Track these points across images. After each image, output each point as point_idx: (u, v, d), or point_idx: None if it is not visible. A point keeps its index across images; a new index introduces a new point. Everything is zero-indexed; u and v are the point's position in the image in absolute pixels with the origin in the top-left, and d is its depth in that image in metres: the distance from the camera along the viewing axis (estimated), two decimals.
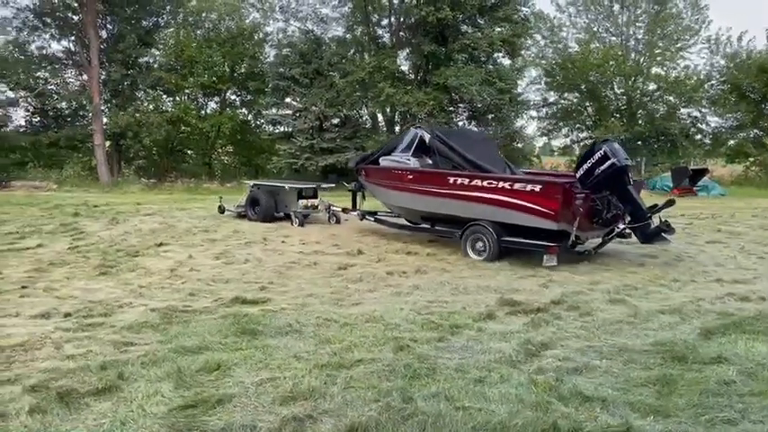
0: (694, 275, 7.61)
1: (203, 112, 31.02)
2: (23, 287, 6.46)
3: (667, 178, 24.92)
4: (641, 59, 31.34)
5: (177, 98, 30.18)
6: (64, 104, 29.66)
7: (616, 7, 31.62)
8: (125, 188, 23.32)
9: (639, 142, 31.26)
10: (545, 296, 6.32)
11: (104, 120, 26.67)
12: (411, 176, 9.94)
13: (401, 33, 27.54)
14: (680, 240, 10.65)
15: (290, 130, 25.55)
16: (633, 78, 30.98)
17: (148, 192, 22.43)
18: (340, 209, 12.45)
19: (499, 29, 25.22)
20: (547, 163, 34.51)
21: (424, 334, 4.91)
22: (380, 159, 10.88)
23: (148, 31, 29.07)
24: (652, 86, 31.65)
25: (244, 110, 32.39)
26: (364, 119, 29.45)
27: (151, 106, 29.28)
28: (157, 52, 29.72)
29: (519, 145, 31.80)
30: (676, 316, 5.57)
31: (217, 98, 31.74)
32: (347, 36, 29.33)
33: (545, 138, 35.63)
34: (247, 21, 30.03)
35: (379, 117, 29.00)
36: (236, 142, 32.14)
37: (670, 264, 8.45)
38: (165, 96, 30.34)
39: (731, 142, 31.55)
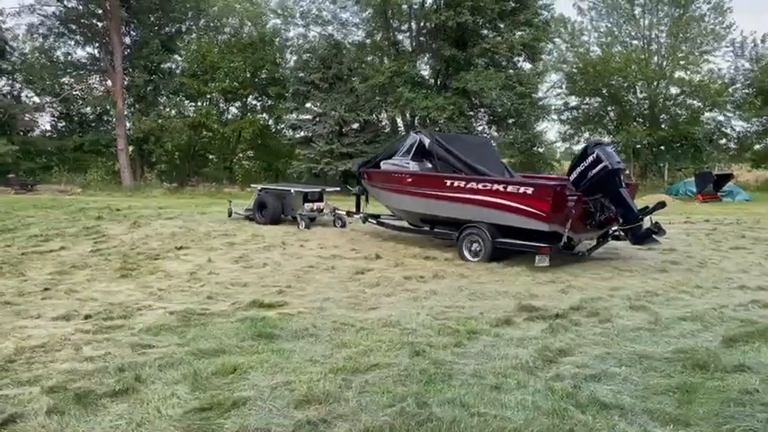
0: (717, 282, 7.47)
1: (225, 117, 31.35)
2: (46, 289, 6.55)
3: (691, 183, 24.61)
4: (664, 63, 30.98)
5: (199, 103, 30.55)
6: (88, 110, 30.26)
7: (638, 11, 31.34)
8: (147, 192, 23.64)
9: (662, 147, 30.93)
10: (564, 302, 6.25)
11: (128, 125, 27.10)
12: (410, 179, 10.15)
13: (421, 38, 27.59)
14: (703, 246, 10.49)
15: (310, 134, 25.72)
16: (656, 82, 30.63)
17: (170, 196, 22.70)
18: (344, 212, 12.55)
19: (520, 33, 25.15)
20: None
21: (440, 339, 4.89)
22: (381, 163, 11.12)
23: (171, 37, 29.54)
24: (675, 90, 31.31)
25: (264, 115, 32.69)
26: (383, 123, 29.53)
27: (173, 111, 29.70)
28: (180, 58, 30.13)
29: (539, 149, 31.65)
30: (698, 323, 5.46)
31: (238, 103, 32.08)
32: (367, 41, 29.47)
33: (566, 143, 35.36)
34: (268, 26, 30.30)
35: (399, 122, 29.06)
36: (256, 147, 32.44)
37: (693, 270, 8.31)
38: (187, 101, 30.75)
39: (757, 147, 31.07)
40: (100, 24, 28.11)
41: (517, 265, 8.35)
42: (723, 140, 31.87)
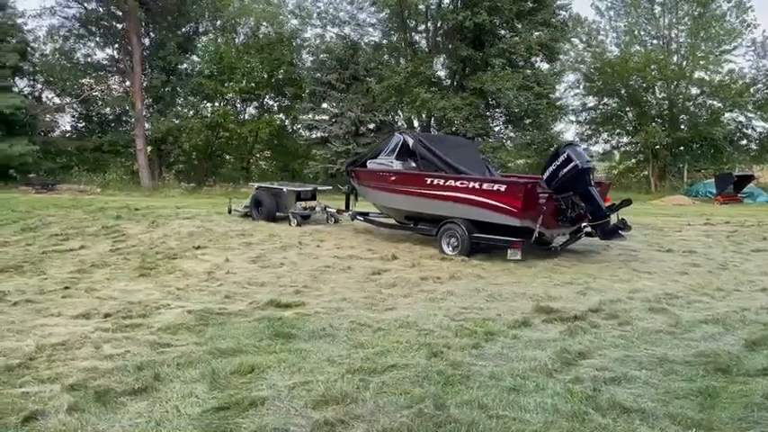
0: (739, 285, 7.37)
1: (242, 117, 31.50)
2: (66, 287, 6.63)
3: (711, 185, 24.33)
4: (684, 63, 30.60)
5: (216, 104, 30.74)
6: (108, 110, 30.58)
7: (657, 10, 31.00)
8: (165, 192, 23.83)
9: (681, 148, 30.58)
10: (582, 304, 6.20)
11: (146, 125, 27.32)
12: (393, 178, 10.66)
13: (438, 38, 27.52)
14: (724, 249, 10.34)
15: (327, 135, 25.76)
16: (675, 83, 30.27)
17: (188, 196, 22.86)
18: (335, 209, 13.05)
19: (537, 33, 24.99)
20: None
21: (457, 340, 4.86)
22: (368, 162, 11.64)
23: (188, 38, 29.74)
24: (695, 90, 30.90)
25: (281, 115, 32.79)
26: (400, 124, 29.49)
27: (191, 112, 29.89)
28: (197, 59, 30.34)
29: None
30: (720, 326, 5.38)
31: (255, 103, 32.21)
32: (383, 41, 29.46)
33: (584, 143, 35.05)
34: (285, 27, 30.42)
35: (415, 122, 29.01)
36: (273, 147, 32.56)
37: (713, 272, 8.20)
38: (204, 102, 30.95)
39: None
40: (119, 26, 28.39)
41: (534, 267, 8.31)
42: (744, 141, 31.41)
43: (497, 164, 24.33)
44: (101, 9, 27.88)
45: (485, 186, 9.07)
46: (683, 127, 30.48)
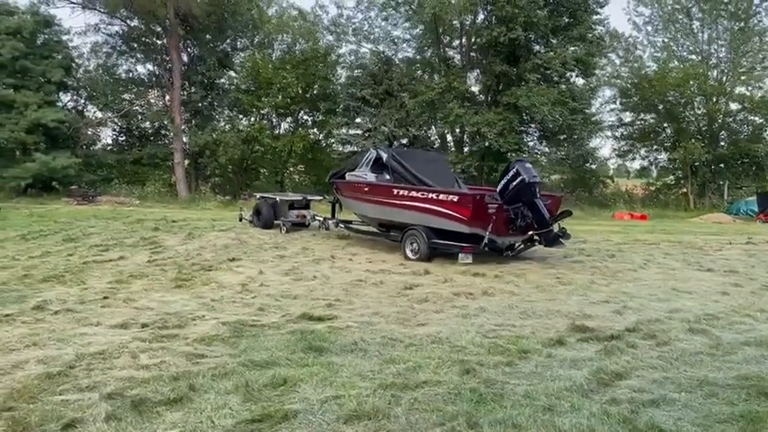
0: None
1: (277, 131, 31.92)
2: (105, 297, 6.77)
3: (752, 203, 23.74)
4: (724, 78, 29.98)
5: (252, 118, 31.22)
6: (147, 124, 31.30)
7: (696, 25, 30.49)
8: (201, 204, 24.23)
9: (722, 164, 29.87)
10: (619, 323, 6.07)
11: (184, 139, 27.88)
12: (366, 189, 11.75)
13: (472, 54, 27.54)
14: (767, 269, 10.04)
15: (360, 149, 25.90)
16: (715, 98, 29.65)
17: (223, 208, 23.20)
18: (322, 218, 14.05)
19: (573, 48, 24.84)
20: (622, 185, 33.46)
21: (490, 358, 4.81)
22: (347, 174, 12.68)
23: (226, 53, 30.35)
24: (735, 106, 30.23)
25: (315, 130, 33.11)
26: (433, 139, 29.51)
27: (228, 126, 30.40)
28: (234, 74, 30.91)
29: (592, 166, 31.02)
30: (763, 348, 5.21)
31: (290, 118, 32.60)
32: (417, 57, 29.59)
33: (620, 159, 34.55)
34: (320, 43, 30.82)
35: (449, 137, 29.00)
36: (307, 161, 32.84)
37: (756, 293, 7.96)
38: (240, 117, 31.46)
39: None
40: (159, 42, 29.18)
41: (569, 284, 8.18)
42: None
43: None
44: (142, 26, 28.69)
45: (441, 197, 10.08)
46: (723, 143, 29.83)
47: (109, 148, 31.69)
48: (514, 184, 9.67)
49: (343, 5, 38.63)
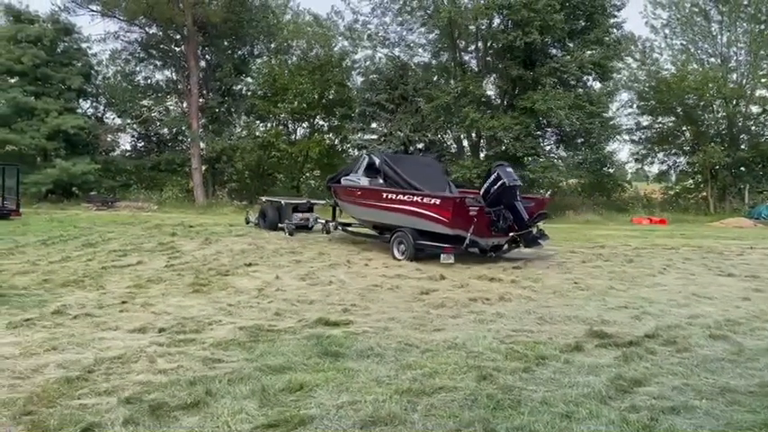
0: None
1: (293, 137, 32.07)
2: (123, 302, 6.83)
3: None
4: (743, 81, 29.58)
5: (268, 124, 31.40)
6: (165, 130, 31.63)
7: (714, 27, 30.13)
8: (218, 210, 24.41)
9: (742, 168, 29.45)
10: (638, 329, 5.99)
11: (201, 145, 28.11)
12: (360, 193, 12.23)
13: (488, 58, 27.46)
14: None
15: None
16: (735, 101, 29.27)
17: (240, 213, 23.30)
18: (324, 221, 14.47)
19: (590, 52, 24.67)
20: (641, 189, 33.12)
21: (507, 364, 4.77)
22: (342, 179, 13.16)
23: (243, 60, 30.58)
24: (756, 109, 29.80)
25: (331, 134, 33.22)
26: (449, 143, 29.45)
27: (244, 132, 30.61)
28: (251, 80, 31.13)
29: (610, 170, 30.75)
30: None
31: (306, 123, 32.75)
32: (433, 62, 29.55)
33: (638, 163, 34.18)
34: (336, 48, 30.95)
35: (464, 142, 28.91)
36: (322, 166, 32.94)
37: None
38: (257, 122, 31.67)
39: None
40: (177, 49, 29.49)
41: (587, 290, 8.10)
42: None
43: (548, 183, 24.04)
44: (161, 33, 29.02)
45: (425, 200, 10.47)
46: (743, 147, 29.40)
47: (127, 154, 32.08)
48: (495, 187, 10.19)
49: (359, 11, 38.54)
